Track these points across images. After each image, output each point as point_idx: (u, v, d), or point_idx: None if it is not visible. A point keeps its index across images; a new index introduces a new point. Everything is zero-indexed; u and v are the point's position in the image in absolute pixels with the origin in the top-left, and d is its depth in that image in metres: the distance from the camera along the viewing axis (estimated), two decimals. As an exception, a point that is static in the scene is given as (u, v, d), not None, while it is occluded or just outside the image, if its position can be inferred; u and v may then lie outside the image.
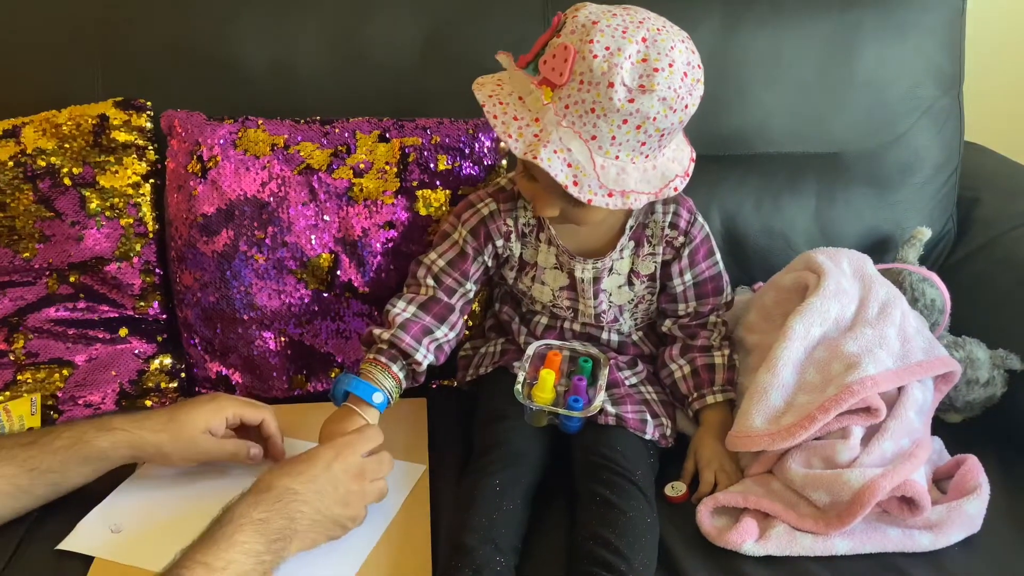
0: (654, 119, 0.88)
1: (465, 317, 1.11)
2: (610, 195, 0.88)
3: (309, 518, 0.86)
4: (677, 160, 0.95)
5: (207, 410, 0.98)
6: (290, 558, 0.85)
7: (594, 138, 0.88)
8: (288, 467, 0.89)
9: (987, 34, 1.49)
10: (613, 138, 0.88)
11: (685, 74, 0.89)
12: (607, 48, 0.86)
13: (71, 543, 0.94)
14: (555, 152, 0.87)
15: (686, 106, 0.90)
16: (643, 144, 0.90)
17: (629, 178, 0.89)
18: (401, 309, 1.05)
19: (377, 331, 1.03)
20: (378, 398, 0.99)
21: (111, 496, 0.99)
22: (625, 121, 0.87)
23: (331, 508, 0.88)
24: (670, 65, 0.87)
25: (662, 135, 0.90)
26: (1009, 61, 1.62)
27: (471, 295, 1.10)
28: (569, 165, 0.87)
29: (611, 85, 0.86)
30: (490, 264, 1.09)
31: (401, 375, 1.02)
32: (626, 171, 0.89)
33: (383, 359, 1.01)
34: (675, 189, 0.93)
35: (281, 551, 0.84)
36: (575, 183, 0.87)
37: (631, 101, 0.86)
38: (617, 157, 0.89)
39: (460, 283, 1.07)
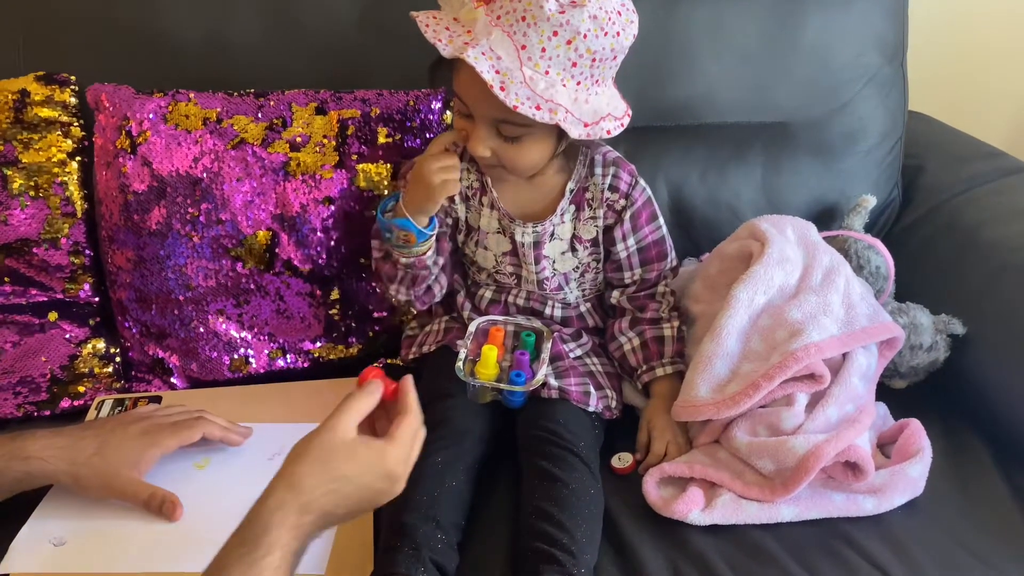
0: (584, 36, 0.87)
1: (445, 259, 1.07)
2: (537, 107, 0.87)
3: (339, 517, 0.76)
4: (612, 106, 0.93)
5: (140, 445, 0.91)
6: None
7: (524, 48, 0.87)
8: (325, 481, 0.74)
9: (930, 5, 1.49)
10: (543, 50, 0.87)
11: (619, 12, 0.89)
12: None
13: (11, 565, 0.86)
14: (483, 54, 0.86)
15: (618, 33, 0.89)
16: (574, 64, 0.89)
17: (558, 94, 0.88)
18: None
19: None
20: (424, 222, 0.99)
21: (38, 510, 0.92)
22: (555, 33, 0.87)
23: (361, 492, 0.76)
24: None
25: (594, 59, 0.89)
26: (951, 32, 1.62)
27: (441, 227, 1.04)
28: (497, 72, 0.86)
29: None
30: (445, 219, 1.07)
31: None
32: (555, 87, 0.88)
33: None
34: (608, 132, 0.92)
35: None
36: (502, 88, 0.86)
37: (562, 12, 0.86)
38: (547, 72, 0.88)
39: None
